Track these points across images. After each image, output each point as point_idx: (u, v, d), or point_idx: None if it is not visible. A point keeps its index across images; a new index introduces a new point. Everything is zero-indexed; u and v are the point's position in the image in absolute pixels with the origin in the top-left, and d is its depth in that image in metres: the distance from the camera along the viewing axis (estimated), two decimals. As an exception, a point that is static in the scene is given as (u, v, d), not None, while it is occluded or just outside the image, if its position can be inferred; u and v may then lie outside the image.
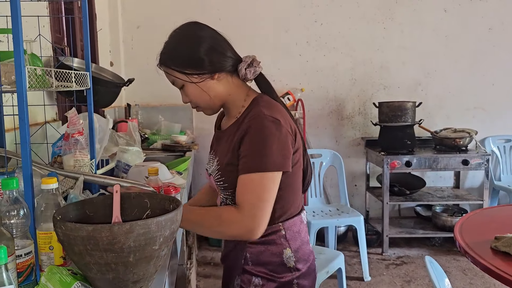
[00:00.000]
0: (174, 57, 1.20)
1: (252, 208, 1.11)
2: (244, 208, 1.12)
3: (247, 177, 1.13)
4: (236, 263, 1.26)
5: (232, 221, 1.13)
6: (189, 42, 1.19)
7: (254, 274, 1.23)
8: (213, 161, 1.28)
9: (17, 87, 0.98)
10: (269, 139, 1.12)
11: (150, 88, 3.84)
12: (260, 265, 1.23)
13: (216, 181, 1.24)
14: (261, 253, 1.22)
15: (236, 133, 1.18)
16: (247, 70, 1.22)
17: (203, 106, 1.25)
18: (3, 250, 0.69)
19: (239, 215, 1.12)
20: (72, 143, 1.42)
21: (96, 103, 1.90)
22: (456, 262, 3.39)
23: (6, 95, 1.51)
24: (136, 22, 3.83)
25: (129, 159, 1.92)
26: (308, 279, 1.26)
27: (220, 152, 1.24)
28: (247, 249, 1.23)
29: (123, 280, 0.89)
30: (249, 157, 1.13)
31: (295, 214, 1.26)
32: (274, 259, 1.22)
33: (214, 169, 1.24)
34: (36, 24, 1.59)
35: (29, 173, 0.99)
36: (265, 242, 1.22)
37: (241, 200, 1.13)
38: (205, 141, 3.81)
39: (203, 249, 3.70)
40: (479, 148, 3.63)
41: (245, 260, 1.24)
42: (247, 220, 1.11)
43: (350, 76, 4.00)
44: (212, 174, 1.25)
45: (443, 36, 3.96)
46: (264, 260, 1.22)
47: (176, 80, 1.22)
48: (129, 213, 1.07)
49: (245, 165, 1.13)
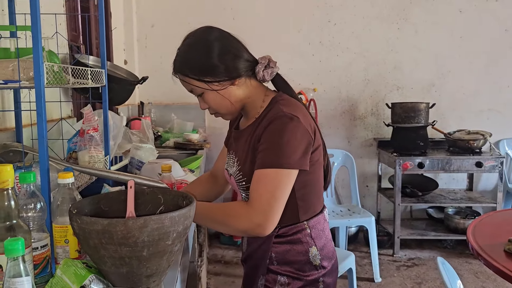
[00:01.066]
0: (191, 66, 1.18)
1: (263, 204, 1.11)
2: (255, 203, 1.11)
3: (262, 172, 1.13)
4: (261, 263, 1.24)
5: (242, 215, 1.13)
6: (205, 50, 1.17)
7: (279, 273, 1.23)
8: (233, 162, 1.27)
9: (35, 83, 1.00)
10: (287, 136, 1.12)
11: (163, 87, 3.85)
12: (286, 264, 1.22)
13: (237, 182, 1.24)
14: (287, 252, 1.22)
15: (255, 132, 1.19)
16: (265, 71, 1.22)
17: (223, 112, 1.24)
18: (21, 242, 0.71)
19: (249, 210, 1.12)
20: (87, 139, 1.44)
21: (110, 101, 1.92)
22: (468, 265, 3.35)
23: (23, 92, 1.54)
24: (150, 20, 3.86)
25: (143, 156, 1.94)
26: (332, 276, 1.27)
27: (240, 152, 1.24)
28: (272, 248, 1.22)
29: (136, 274, 0.90)
30: (266, 152, 1.13)
31: (319, 212, 1.27)
32: (300, 258, 1.22)
33: (235, 170, 1.24)
34: (53, 22, 1.61)
35: (46, 167, 1.01)
36: (290, 241, 1.22)
37: (253, 195, 1.12)
38: (217, 140, 3.82)
39: (214, 247, 3.71)
40: (493, 150, 3.59)
41: (270, 259, 1.23)
42: (257, 215, 1.11)
43: (363, 76, 3.98)
44: (233, 175, 1.25)
45: (458, 37, 3.92)
46: (290, 259, 1.22)
47: (195, 89, 1.20)
48: (143, 208, 1.08)
49: (261, 160, 1.13)
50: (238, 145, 1.27)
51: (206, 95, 1.19)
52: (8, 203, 0.87)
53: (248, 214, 1.12)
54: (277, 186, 1.11)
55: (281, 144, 1.12)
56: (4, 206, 0.87)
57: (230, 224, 1.15)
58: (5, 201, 0.87)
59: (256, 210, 1.11)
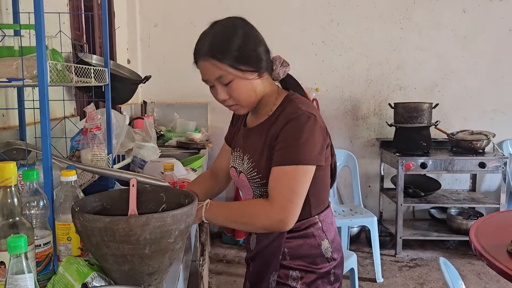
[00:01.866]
0: (228, 52, 1.14)
1: (283, 200, 1.12)
2: (276, 200, 1.13)
3: (281, 169, 1.14)
4: (273, 259, 1.24)
5: (264, 213, 1.13)
6: (242, 38, 1.16)
7: (292, 268, 1.23)
8: (241, 159, 1.27)
9: (39, 81, 1.00)
10: (305, 134, 1.14)
11: (166, 86, 3.88)
12: (298, 258, 1.23)
13: (250, 179, 1.23)
14: (300, 246, 1.23)
15: (271, 129, 1.19)
16: (280, 69, 1.25)
17: (244, 103, 1.21)
18: (24, 239, 0.71)
19: (270, 207, 1.13)
20: (90, 138, 1.44)
21: (113, 100, 1.93)
22: (471, 266, 3.34)
23: (27, 90, 1.54)
24: (153, 20, 3.86)
25: (145, 154, 1.95)
26: (341, 267, 1.31)
27: (252, 149, 1.24)
28: (285, 244, 1.23)
29: (138, 272, 0.90)
30: (284, 150, 1.14)
31: (327, 207, 1.30)
32: (313, 251, 1.24)
33: (247, 167, 1.24)
34: (57, 21, 1.62)
35: (49, 165, 1.01)
36: (303, 236, 1.23)
37: (273, 192, 1.14)
38: (219, 139, 3.83)
39: (216, 246, 3.72)
40: (497, 151, 3.58)
41: (283, 255, 1.23)
42: (278, 212, 1.12)
43: (365, 76, 3.97)
44: (244, 172, 1.25)
45: (461, 37, 3.91)
46: (303, 253, 1.23)
47: (225, 76, 1.15)
48: (145, 206, 1.08)
49: (280, 157, 1.14)
50: (248, 142, 1.27)
51: (235, 84, 1.16)
52: (11, 200, 0.88)
53: (270, 211, 1.13)
54: (297, 182, 1.13)
55: (300, 141, 1.13)
56: (7, 203, 0.88)
57: (252, 223, 1.17)
58: (8, 199, 0.88)
59: (277, 207, 1.12)
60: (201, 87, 1.32)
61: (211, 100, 3.92)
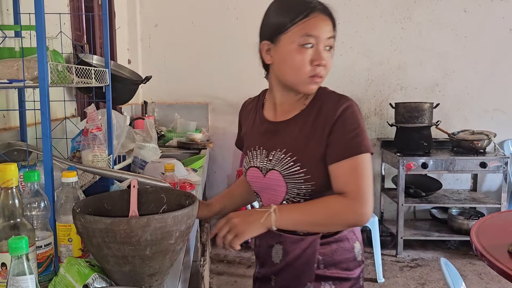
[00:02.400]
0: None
1: (363, 193, 1.08)
2: (356, 193, 1.08)
3: (350, 162, 1.09)
4: (306, 269, 1.15)
5: (347, 209, 1.08)
6: None
7: (325, 277, 1.16)
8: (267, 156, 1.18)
9: (40, 82, 1.00)
10: (361, 123, 1.11)
11: (167, 86, 3.88)
12: (333, 265, 1.16)
13: (289, 175, 1.14)
14: (334, 252, 1.16)
15: (317, 121, 1.13)
16: None
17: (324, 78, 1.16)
18: (25, 241, 0.71)
19: (353, 201, 1.08)
20: (90, 139, 1.44)
21: (114, 100, 1.93)
22: (472, 266, 3.34)
23: (27, 91, 1.55)
24: (153, 20, 3.87)
25: (146, 155, 1.95)
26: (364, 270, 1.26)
27: (289, 143, 1.15)
28: (319, 250, 1.15)
29: (139, 273, 0.90)
30: (351, 141, 1.09)
31: None
32: (347, 256, 1.18)
33: (284, 162, 1.14)
34: (57, 22, 1.62)
35: (50, 166, 1.01)
36: (338, 240, 1.17)
37: (351, 186, 1.08)
38: (220, 140, 3.84)
39: (217, 247, 3.72)
40: (498, 150, 3.57)
41: (317, 263, 1.15)
42: (361, 205, 1.07)
43: (366, 76, 3.97)
44: (279, 169, 1.15)
45: (462, 37, 3.91)
46: (337, 259, 1.17)
47: (333, 40, 1.13)
48: (146, 207, 1.08)
49: (349, 150, 1.09)
50: (280, 136, 1.18)
51: (331, 53, 1.14)
52: (12, 201, 0.88)
53: (354, 206, 1.08)
54: (367, 171, 1.10)
55: (359, 130, 1.10)
56: (9, 204, 0.88)
57: (335, 222, 1.11)
58: (9, 200, 0.88)
59: (359, 201, 1.07)
60: (202, 87, 1.32)
61: (211, 100, 3.94)
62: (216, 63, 3.85)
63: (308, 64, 1.10)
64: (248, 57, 3.95)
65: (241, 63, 3.80)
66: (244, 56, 3.80)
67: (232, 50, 3.83)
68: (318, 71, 1.11)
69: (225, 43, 3.83)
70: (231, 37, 3.81)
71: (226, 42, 3.83)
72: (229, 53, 3.84)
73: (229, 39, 3.82)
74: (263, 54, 1.18)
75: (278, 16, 1.13)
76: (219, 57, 3.85)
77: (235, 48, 3.81)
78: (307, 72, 1.11)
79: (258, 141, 1.23)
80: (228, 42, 3.82)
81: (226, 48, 3.84)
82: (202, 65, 3.84)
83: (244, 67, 3.79)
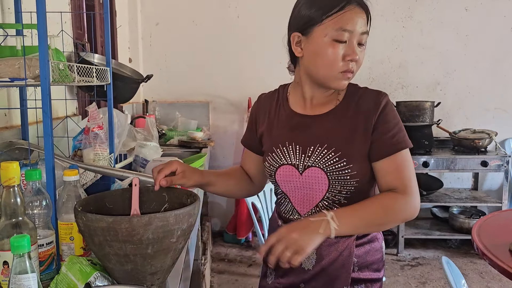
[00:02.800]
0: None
1: (412, 186, 1.07)
2: (409, 188, 1.06)
3: (396, 157, 1.08)
4: (341, 273, 1.11)
5: (405, 205, 1.06)
6: None
7: (359, 280, 1.12)
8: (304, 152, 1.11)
9: (41, 81, 1.00)
10: (399, 117, 1.13)
11: (168, 85, 3.88)
12: (365, 267, 1.13)
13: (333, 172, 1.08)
14: (367, 253, 1.14)
15: (357, 117, 1.10)
16: None
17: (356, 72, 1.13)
18: (27, 239, 0.71)
19: (408, 197, 1.06)
20: (92, 137, 1.44)
21: (115, 99, 1.93)
22: (473, 265, 3.34)
23: (29, 90, 1.55)
24: (155, 19, 3.86)
25: (147, 154, 1.95)
26: None
27: (332, 137, 1.10)
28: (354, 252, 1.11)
29: (141, 272, 0.91)
30: (394, 137, 1.09)
31: None
32: (377, 256, 1.16)
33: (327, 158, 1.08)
34: (59, 20, 1.62)
35: (51, 165, 1.01)
36: (370, 240, 1.15)
37: (404, 181, 1.07)
38: (221, 138, 3.84)
39: (218, 245, 3.72)
40: (499, 149, 3.57)
41: (353, 266, 1.11)
42: (413, 199, 1.06)
43: (367, 75, 3.96)
44: (321, 166, 1.09)
45: (463, 36, 3.90)
46: (370, 259, 1.14)
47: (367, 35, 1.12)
48: (148, 206, 1.09)
49: (396, 146, 1.08)
50: (313, 132, 1.12)
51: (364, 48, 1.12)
52: (14, 200, 0.88)
53: (409, 202, 1.06)
54: (412, 165, 1.10)
55: (400, 124, 1.11)
56: (10, 203, 0.88)
57: (392, 219, 1.07)
58: (11, 198, 0.88)
59: (411, 195, 1.06)
60: (203, 86, 1.32)
61: (212, 99, 3.94)
62: (217, 61, 3.85)
63: (341, 59, 1.06)
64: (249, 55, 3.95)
65: (242, 62, 3.80)
66: (245, 55, 3.80)
67: (233, 49, 3.82)
68: (350, 66, 1.08)
69: (226, 41, 3.82)
70: (232, 36, 3.81)
71: (227, 40, 3.82)
72: (230, 51, 3.83)
73: (230, 37, 3.81)
74: (293, 47, 1.13)
75: (312, 7, 1.07)
76: (220, 55, 3.85)
77: (236, 47, 3.81)
78: (339, 67, 1.07)
79: (288, 136, 1.15)
80: (229, 40, 3.82)
81: (227, 47, 3.83)
82: (203, 64, 3.84)
83: (245, 65, 3.79)
